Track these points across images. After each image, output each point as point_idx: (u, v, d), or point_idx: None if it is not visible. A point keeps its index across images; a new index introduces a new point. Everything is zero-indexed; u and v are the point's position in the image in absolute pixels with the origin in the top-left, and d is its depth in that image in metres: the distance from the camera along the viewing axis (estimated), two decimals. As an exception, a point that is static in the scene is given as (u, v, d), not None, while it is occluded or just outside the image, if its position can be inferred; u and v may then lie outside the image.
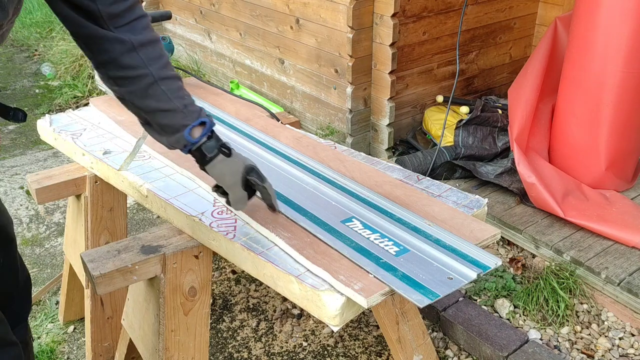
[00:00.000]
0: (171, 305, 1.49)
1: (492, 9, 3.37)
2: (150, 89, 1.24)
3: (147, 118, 1.30)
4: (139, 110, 1.29)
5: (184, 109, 1.27)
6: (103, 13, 1.18)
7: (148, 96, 1.25)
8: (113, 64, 1.23)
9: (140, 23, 1.25)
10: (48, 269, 2.68)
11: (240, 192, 1.35)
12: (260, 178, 1.36)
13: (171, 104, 1.26)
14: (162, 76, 1.25)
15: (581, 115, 2.56)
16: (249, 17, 3.68)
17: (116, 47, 1.21)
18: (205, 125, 1.29)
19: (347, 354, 2.18)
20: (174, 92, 1.27)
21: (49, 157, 3.58)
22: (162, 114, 1.27)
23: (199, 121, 1.28)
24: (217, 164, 1.31)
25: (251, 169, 1.35)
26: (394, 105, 3.01)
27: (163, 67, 1.26)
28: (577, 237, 2.41)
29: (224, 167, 1.32)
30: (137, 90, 1.25)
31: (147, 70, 1.23)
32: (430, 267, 1.26)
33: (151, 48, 1.25)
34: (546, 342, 2.10)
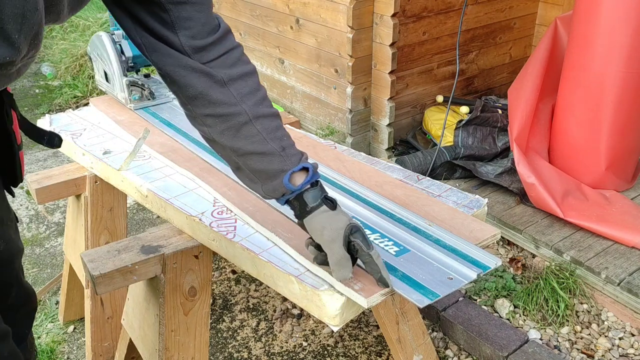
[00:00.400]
0: (171, 305, 1.49)
1: (492, 9, 3.37)
2: (243, 129, 1.11)
3: (239, 162, 1.16)
4: (230, 153, 1.15)
5: (282, 152, 1.13)
6: (186, 47, 1.08)
7: (241, 137, 1.11)
8: (201, 100, 1.10)
9: (231, 56, 1.13)
10: (48, 269, 2.68)
11: (341, 251, 1.11)
12: (366, 243, 1.13)
13: (267, 146, 1.12)
14: (257, 114, 1.12)
15: (581, 115, 2.56)
16: (249, 17, 3.68)
17: (204, 79, 1.09)
18: (309, 172, 1.14)
19: (347, 354, 2.18)
20: (270, 132, 1.13)
21: (49, 157, 3.58)
22: (257, 157, 1.12)
23: (300, 166, 1.13)
24: (319, 215, 1.13)
25: (356, 229, 1.13)
26: (394, 105, 3.01)
27: (259, 104, 1.13)
28: (577, 237, 2.41)
29: (326, 220, 1.13)
30: (228, 130, 1.12)
31: (240, 108, 1.11)
32: (430, 267, 1.26)
33: (244, 82, 1.12)
34: (546, 342, 2.10)
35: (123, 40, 2.08)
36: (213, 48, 1.10)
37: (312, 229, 1.15)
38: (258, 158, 1.12)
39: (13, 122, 1.20)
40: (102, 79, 2.15)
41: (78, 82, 4.53)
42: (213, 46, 1.10)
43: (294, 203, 1.16)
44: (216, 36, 1.10)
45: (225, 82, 1.10)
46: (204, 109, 1.11)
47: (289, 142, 1.15)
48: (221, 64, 1.11)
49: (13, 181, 1.28)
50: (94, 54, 2.11)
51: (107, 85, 2.13)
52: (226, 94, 1.10)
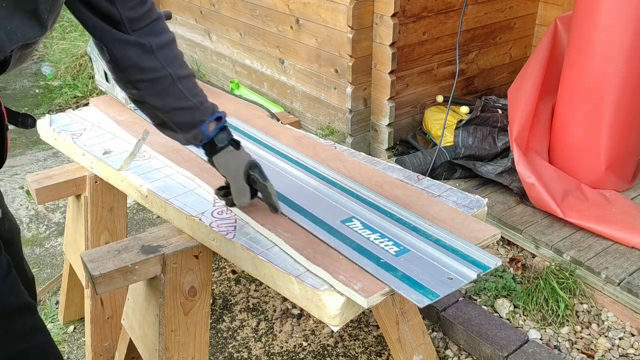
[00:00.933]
0: (171, 305, 1.49)
1: (492, 9, 3.37)
2: (169, 89, 1.29)
3: (164, 118, 1.34)
4: (156, 110, 1.33)
5: (200, 106, 1.33)
6: (124, 17, 1.21)
7: (167, 96, 1.30)
8: (134, 68, 1.26)
9: (157, 25, 1.28)
10: (48, 269, 2.68)
11: (242, 183, 1.40)
12: (262, 176, 1.40)
13: (189, 102, 1.31)
14: (180, 76, 1.30)
15: (581, 115, 2.56)
16: (249, 17, 3.68)
17: (136, 50, 1.24)
18: (221, 120, 1.37)
19: (347, 354, 2.18)
20: (190, 90, 1.32)
21: (49, 157, 3.58)
22: (180, 112, 1.32)
23: (215, 116, 1.35)
24: (225, 154, 1.39)
25: (255, 165, 1.40)
26: (394, 105, 3.01)
27: (180, 67, 1.31)
28: (577, 237, 2.41)
29: (231, 157, 1.39)
30: (156, 92, 1.29)
31: (166, 72, 1.28)
32: (430, 267, 1.26)
33: (169, 49, 1.29)
34: (546, 342, 2.10)
35: (123, 40, 2.07)
36: (144, 17, 1.26)
37: (220, 164, 1.40)
38: (181, 112, 1.33)
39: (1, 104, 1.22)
40: (102, 79, 2.15)
41: (78, 82, 4.53)
42: (145, 15, 1.26)
43: (206, 145, 1.39)
44: (146, 7, 1.26)
45: (154, 50, 1.26)
46: (136, 76, 1.28)
47: (204, 96, 1.36)
48: (150, 32, 1.26)
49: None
50: (94, 54, 2.11)
51: (107, 85, 2.13)
52: (155, 61, 1.27)
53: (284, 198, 1.52)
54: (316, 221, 1.42)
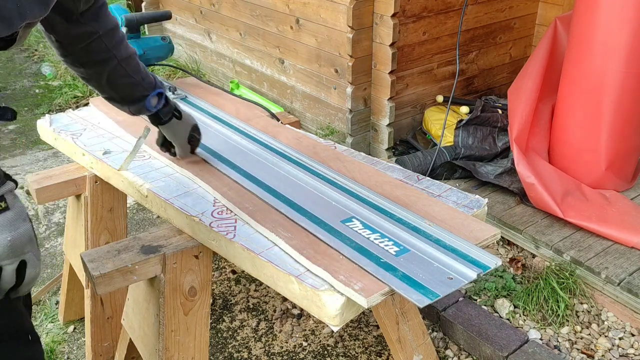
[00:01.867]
0: (171, 305, 1.49)
1: (492, 9, 3.37)
2: (114, 69, 1.44)
3: (111, 93, 1.50)
4: (102, 87, 1.48)
5: (142, 82, 1.50)
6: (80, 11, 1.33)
7: (112, 74, 1.45)
8: (82, 52, 1.40)
9: (103, 10, 1.39)
10: (48, 269, 2.68)
11: (186, 145, 1.69)
12: (199, 132, 1.71)
13: (131, 79, 1.48)
14: (124, 56, 1.45)
15: (581, 115, 2.56)
16: (249, 17, 3.68)
17: (84, 37, 1.37)
18: (162, 96, 1.55)
19: (347, 354, 2.18)
20: (133, 67, 1.48)
21: (49, 157, 3.58)
22: (124, 87, 1.48)
23: (156, 92, 1.53)
24: (171, 125, 1.62)
25: (195, 128, 1.68)
26: (394, 105, 3.01)
27: (124, 49, 1.46)
28: (577, 237, 2.41)
29: (176, 127, 1.64)
30: (102, 71, 1.44)
31: (111, 54, 1.42)
32: (430, 267, 1.26)
33: (113, 33, 1.42)
34: (546, 342, 2.10)
35: (123, 40, 2.07)
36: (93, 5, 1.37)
37: (167, 133, 1.65)
38: (125, 88, 1.49)
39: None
40: (102, 79, 2.14)
41: (78, 82, 4.53)
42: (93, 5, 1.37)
43: (152, 117, 1.59)
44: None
45: (101, 35, 1.39)
46: (84, 58, 1.42)
47: (145, 72, 1.52)
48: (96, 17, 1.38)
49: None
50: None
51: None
52: (101, 45, 1.40)
53: (284, 198, 1.52)
54: (316, 221, 1.42)
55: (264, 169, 1.68)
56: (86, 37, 1.38)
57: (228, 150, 1.80)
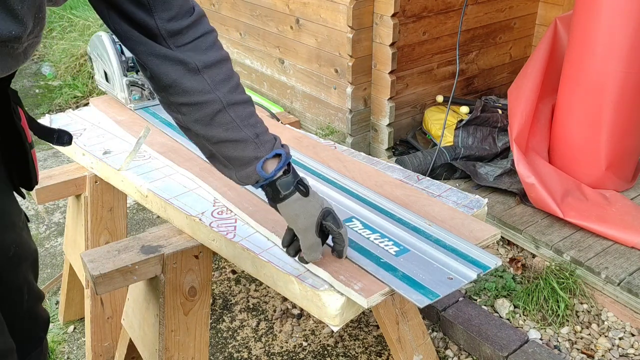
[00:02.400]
0: (171, 305, 1.49)
1: (492, 9, 3.37)
2: (217, 117, 1.10)
3: (213, 150, 1.15)
4: (203, 141, 1.14)
5: (255, 139, 1.12)
6: (162, 30, 1.05)
7: (215, 125, 1.10)
8: (175, 88, 1.09)
9: (205, 41, 1.11)
10: (48, 269, 2.68)
11: (314, 237, 1.18)
12: (337, 223, 1.20)
13: (241, 133, 1.11)
14: (231, 101, 1.11)
15: (581, 115, 2.56)
16: (249, 17, 3.68)
17: (178, 68, 1.07)
18: (281, 158, 1.14)
19: (347, 354, 2.18)
20: (244, 119, 1.12)
21: (49, 157, 3.58)
22: (231, 144, 1.12)
23: (273, 153, 1.13)
24: (292, 203, 1.16)
25: (328, 213, 1.19)
26: (394, 105, 3.01)
27: (233, 91, 1.12)
28: (577, 237, 2.41)
29: (299, 207, 1.16)
30: (202, 118, 1.10)
31: (214, 95, 1.09)
32: (430, 267, 1.26)
33: (218, 69, 1.11)
34: (546, 342, 2.10)
35: (123, 40, 2.07)
36: (188, 31, 1.08)
37: (286, 215, 1.18)
38: (232, 145, 1.12)
39: (21, 119, 1.14)
40: (102, 79, 2.15)
41: (78, 82, 4.53)
42: (188, 29, 1.08)
43: (267, 189, 1.17)
44: (192, 19, 1.09)
45: (200, 69, 1.08)
46: (178, 98, 1.10)
47: (262, 128, 1.15)
48: (195, 48, 1.09)
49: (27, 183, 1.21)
50: (93, 53, 2.11)
51: (107, 85, 2.13)
52: (200, 82, 1.09)
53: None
54: (316, 221, 1.42)
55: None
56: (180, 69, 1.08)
57: (228, 150, 1.80)
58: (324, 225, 1.18)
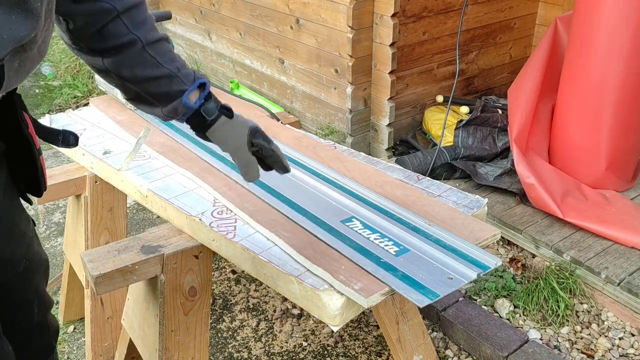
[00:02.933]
0: (171, 305, 1.49)
1: (492, 9, 3.37)
2: (138, 56, 1.12)
3: (137, 90, 1.15)
4: (126, 82, 1.15)
5: (177, 73, 1.15)
6: None
7: (136, 64, 1.12)
8: (97, 36, 1.09)
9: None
10: (48, 269, 2.67)
11: (247, 155, 1.21)
12: (266, 139, 1.23)
13: (163, 69, 1.13)
14: (150, 40, 1.12)
15: (581, 115, 2.56)
16: (249, 17, 3.68)
17: (99, 18, 1.08)
18: (204, 88, 1.17)
19: (347, 354, 2.18)
20: (164, 55, 1.14)
21: (49, 157, 3.58)
22: (155, 82, 1.14)
23: (197, 83, 1.16)
24: (219, 127, 1.19)
25: (256, 131, 1.22)
26: (394, 105, 3.01)
27: (150, 30, 1.13)
28: (577, 237, 2.41)
29: (227, 129, 1.19)
30: (123, 60, 1.11)
31: (134, 36, 1.10)
32: (430, 267, 1.26)
33: (136, 11, 1.12)
34: (546, 342, 2.10)
35: (123, 40, 2.07)
36: None
37: (217, 139, 1.20)
38: (156, 82, 1.13)
39: (28, 125, 1.13)
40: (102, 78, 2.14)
41: (78, 82, 4.53)
42: None
43: (192, 120, 1.19)
44: None
45: (120, 13, 1.09)
46: (99, 44, 1.10)
47: (181, 62, 1.17)
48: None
49: (36, 190, 1.20)
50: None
51: (107, 85, 2.13)
52: (120, 26, 1.09)
53: (284, 198, 1.52)
54: (316, 221, 1.42)
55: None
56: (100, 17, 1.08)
57: (228, 150, 1.80)
58: (255, 144, 1.21)
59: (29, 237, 1.26)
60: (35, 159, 1.15)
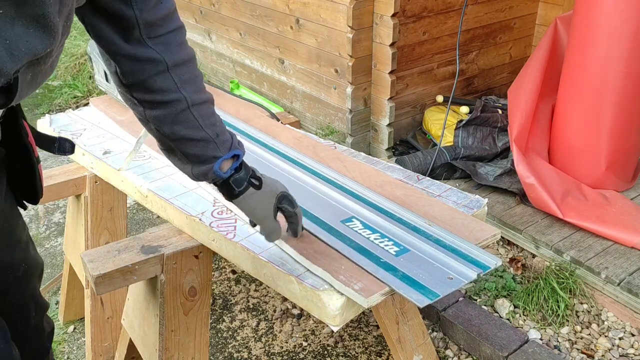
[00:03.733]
0: (171, 305, 1.49)
1: (492, 9, 3.37)
2: (181, 115, 1.10)
3: (172, 145, 1.14)
4: (163, 136, 1.13)
5: (215, 139, 1.13)
6: (140, 20, 1.02)
7: (177, 122, 1.10)
8: (141, 86, 1.07)
9: (177, 36, 1.09)
10: (48, 269, 2.68)
11: (273, 224, 1.25)
12: (292, 204, 1.27)
13: (202, 132, 1.12)
14: (196, 101, 1.11)
15: (581, 115, 2.56)
16: (249, 17, 3.68)
17: (147, 67, 1.05)
18: (237, 158, 1.17)
19: (347, 354, 2.18)
20: (206, 118, 1.13)
21: (49, 157, 3.58)
22: (191, 143, 1.12)
23: (231, 154, 1.15)
24: (247, 198, 1.19)
25: (283, 197, 1.25)
26: (394, 105, 3.01)
27: (197, 90, 1.12)
28: (577, 237, 2.41)
29: (255, 201, 1.20)
30: (165, 116, 1.09)
31: (180, 95, 1.08)
32: (430, 267, 1.26)
33: (186, 68, 1.10)
34: (546, 342, 2.10)
35: (123, 40, 2.07)
36: (163, 23, 1.06)
37: (243, 209, 1.22)
38: (192, 144, 1.12)
39: (28, 134, 1.13)
40: (102, 79, 2.15)
41: (78, 82, 4.53)
42: (163, 21, 1.06)
43: (221, 187, 1.20)
44: (166, 11, 1.06)
45: (169, 67, 1.07)
46: (143, 95, 1.08)
47: (221, 127, 1.16)
48: (168, 42, 1.07)
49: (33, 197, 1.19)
50: (93, 54, 2.11)
51: (107, 85, 2.13)
52: (168, 81, 1.07)
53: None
54: (316, 221, 1.42)
55: (263, 169, 1.68)
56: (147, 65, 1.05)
57: (228, 150, 1.80)
58: (281, 208, 1.26)
59: (24, 242, 1.27)
60: (35, 166, 1.15)
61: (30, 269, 1.29)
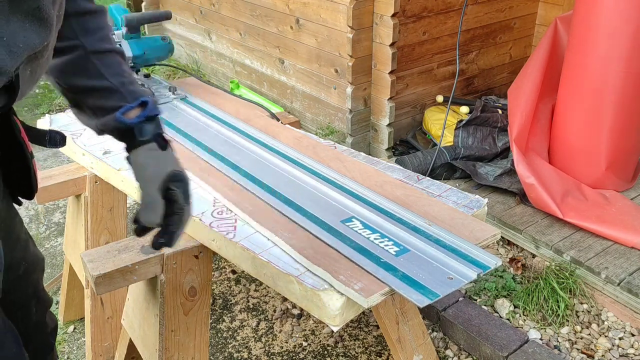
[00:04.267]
0: (171, 305, 1.49)
1: (492, 9, 3.37)
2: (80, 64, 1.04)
3: (77, 100, 1.08)
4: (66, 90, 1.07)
5: (121, 87, 1.06)
6: None
7: (77, 72, 1.04)
8: None
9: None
10: (48, 269, 2.68)
11: (155, 194, 1.09)
12: (186, 195, 1.10)
13: (105, 82, 1.05)
14: (97, 49, 1.04)
15: (581, 115, 2.56)
16: (249, 17, 3.68)
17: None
18: (146, 106, 1.07)
19: (347, 354, 2.18)
20: (110, 67, 1.06)
21: (49, 157, 3.57)
22: (95, 93, 1.06)
23: (138, 101, 1.06)
24: (145, 151, 1.07)
25: (181, 178, 1.10)
26: (394, 105, 3.01)
27: (101, 40, 1.06)
28: (577, 237, 2.41)
29: (151, 158, 1.08)
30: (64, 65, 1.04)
31: (78, 42, 1.03)
32: (430, 267, 1.26)
33: (91, 17, 1.05)
34: (546, 342, 2.10)
35: (123, 41, 2.07)
36: None
37: (135, 163, 1.09)
38: (96, 94, 1.05)
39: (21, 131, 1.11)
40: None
41: (78, 82, 4.53)
42: None
43: (124, 136, 1.08)
44: None
45: (71, 14, 1.02)
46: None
47: (131, 79, 1.09)
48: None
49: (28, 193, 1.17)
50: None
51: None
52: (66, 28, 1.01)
53: (284, 198, 1.52)
54: (316, 221, 1.42)
55: (264, 169, 1.68)
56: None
57: (228, 150, 1.80)
58: (171, 190, 1.08)
59: (23, 239, 1.26)
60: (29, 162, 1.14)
61: (30, 266, 1.28)
